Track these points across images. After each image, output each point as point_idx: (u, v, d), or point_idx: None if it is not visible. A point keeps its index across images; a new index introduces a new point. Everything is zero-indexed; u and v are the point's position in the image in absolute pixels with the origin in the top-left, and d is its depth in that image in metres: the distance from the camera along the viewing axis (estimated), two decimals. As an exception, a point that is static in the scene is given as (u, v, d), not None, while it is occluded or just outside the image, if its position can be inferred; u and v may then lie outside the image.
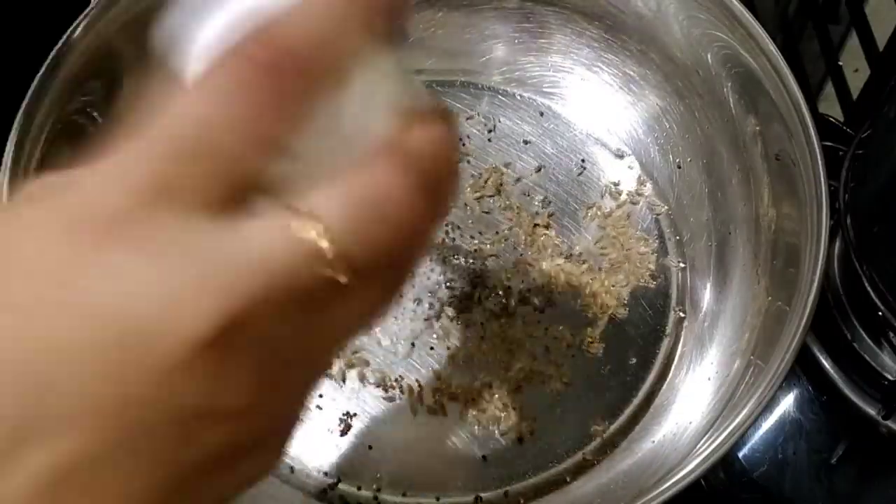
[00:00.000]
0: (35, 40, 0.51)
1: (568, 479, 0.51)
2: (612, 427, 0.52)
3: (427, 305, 0.55)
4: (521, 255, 0.56)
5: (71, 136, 0.51)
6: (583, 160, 0.60)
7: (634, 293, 0.55)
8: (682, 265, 0.56)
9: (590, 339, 0.54)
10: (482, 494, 0.50)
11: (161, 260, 0.19)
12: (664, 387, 0.53)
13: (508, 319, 0.55)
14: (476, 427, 0.52)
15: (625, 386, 0.53)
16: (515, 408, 0.52)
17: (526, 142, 0.60)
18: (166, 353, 0.18)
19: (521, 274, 0.56)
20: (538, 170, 0.59)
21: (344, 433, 0.52)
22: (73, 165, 0.20)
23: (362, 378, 0.53)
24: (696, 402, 0.50)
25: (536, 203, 0.58)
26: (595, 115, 0.61)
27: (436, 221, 0.23)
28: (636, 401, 0.53)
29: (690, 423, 0.49)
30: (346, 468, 0.51)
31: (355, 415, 0.52)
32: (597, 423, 0.52)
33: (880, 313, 0.45)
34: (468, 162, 0.60)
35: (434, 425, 0.52)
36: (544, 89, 0.62)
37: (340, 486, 0.51)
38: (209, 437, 0.20)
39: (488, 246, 0.57)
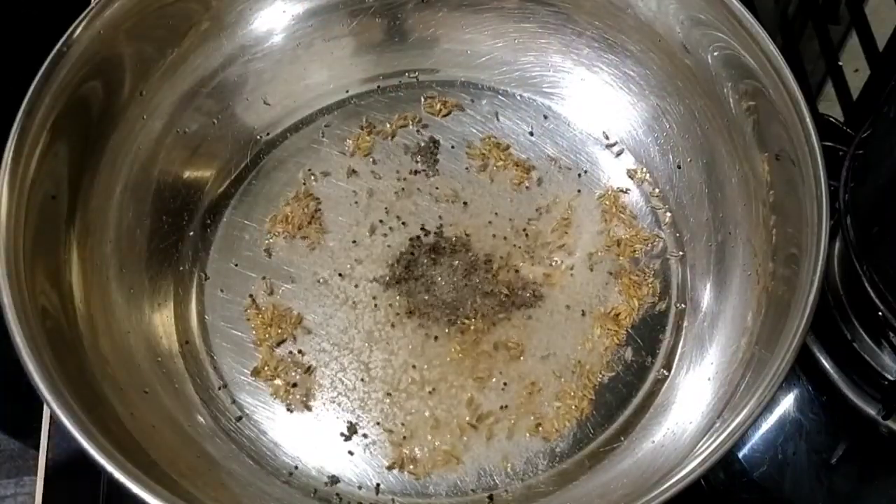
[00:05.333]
0: (35, 40, 0.51)
1: (569, 479, 0.51)
2: (613, 427, 0.52)
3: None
4: (521, 256, 0.57)
5: (71, 135, 0.51)
6: (583, 160, 0.60)
7: (634, 293, 0.55)
8: (682, 265, 0.56)
9: (590, 340, 0.54)
10: (484, 494, 0.51)
11: None
12: (664, 387, 0.53)
13: (507, 320, 0.55)
14: (477, 427, 0.52)
15: (625, 386, 0.53)
16: (515, 408, 0.52)
17: (525, 142, 0.60)
18: None
19: (522, 275, 0.56)
20: (537, 170, 0.59)
21: (345, 435, 0.52)
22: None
23: (363, 380, 0.53)
24: (696, 402, 0.50)
25: (536, 203, 0.58)
26: (595, 115, 0.61)
27: None
28: (636, 401, 0.53)
29: (690, 423, 0.49)
30: (346, 468, 0.51)
31: (357, 416, 0.53)
32: (597, 423, 0.52)
33: (880, 313, 0.45)
34: (467, 163, 0.60)
35: (435, 424, 0.52)
36: (544, 89, 0.62)
37: (340, 485, 0.51)
38: None
39: (488, 247, 0.57)
